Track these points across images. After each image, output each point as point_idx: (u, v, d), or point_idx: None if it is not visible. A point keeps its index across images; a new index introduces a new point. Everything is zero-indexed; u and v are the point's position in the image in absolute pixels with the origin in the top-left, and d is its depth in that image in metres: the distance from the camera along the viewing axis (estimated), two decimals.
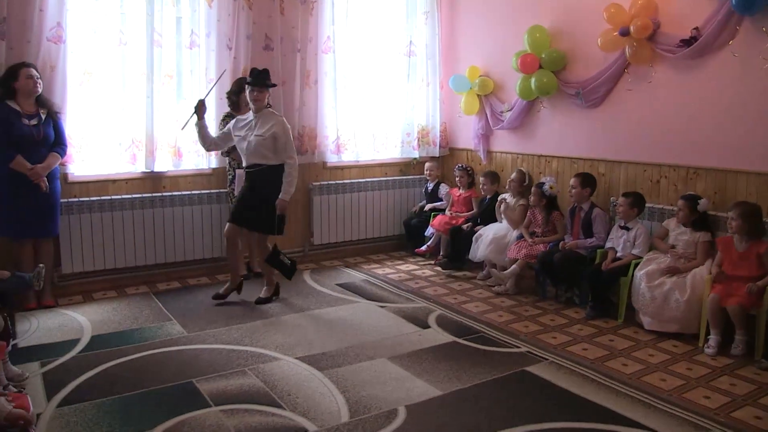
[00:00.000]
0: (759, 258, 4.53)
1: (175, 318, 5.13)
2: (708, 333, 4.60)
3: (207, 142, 5.57)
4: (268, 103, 5.50)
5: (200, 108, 5.41)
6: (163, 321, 5.03)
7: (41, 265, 4.46)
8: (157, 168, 6.13)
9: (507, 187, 6.48)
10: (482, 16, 7.21)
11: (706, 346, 4.55)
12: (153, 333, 4.80)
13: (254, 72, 5.34)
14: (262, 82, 5.30)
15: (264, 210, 5.39)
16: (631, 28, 5.33)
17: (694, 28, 5.07)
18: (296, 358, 4.35)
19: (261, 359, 4.34)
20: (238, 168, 6.03)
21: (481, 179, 6.80)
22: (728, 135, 5.01)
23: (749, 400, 3.79)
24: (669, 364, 4.32)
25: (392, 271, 6.75)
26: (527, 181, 6.42)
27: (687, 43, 5.12)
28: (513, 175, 6.46)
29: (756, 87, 4.81)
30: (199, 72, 6.28)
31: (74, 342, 4.63)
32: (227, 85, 6.11)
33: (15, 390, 3.58)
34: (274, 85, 5.56)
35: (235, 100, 5.95)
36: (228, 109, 6.07)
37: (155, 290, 5.94)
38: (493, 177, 6.79)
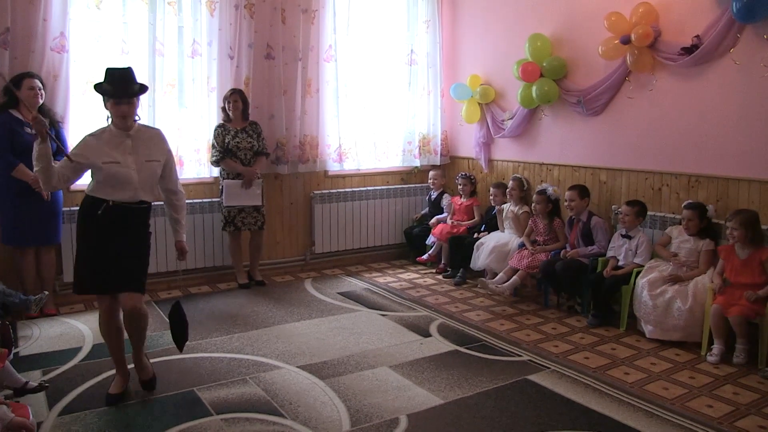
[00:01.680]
0: (761, 265, 4.53)
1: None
2: (710, 341, 4.59)
3: (50, 176, 3.60)
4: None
5: (38, 125, 3.52)
6: (164, 329, 5.02)
7: (45, 292, 4.80)
8: None
9: (508, 196, 6.47)
10: (483, 24, 7.23)
11: (709, 354, 4.54)
12: (154, 341, 4.79)
13: (114, 75, 3.73)
14: (127, 91, 3.74)
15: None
16: (632, 36, 5.33)
17: (695, 36, 5.08)
18: (298, 367, 4.35)
19: (262, 368, 4.34)
20: (227, 179, 6.07)
21: (492, 190, 6.76)
22: (730, 142, 5.01)
23: (753, 410, 3.77)
24: (671, 372, 4.31)
25: (393, 279, 6.74)
26: (526, 186, 6.43)
27: (688, 51, 5.12)
28: (511, 183, 6.45)
29: (757, 94, 4.81)
30: (200, 81, 6.31)
31: (76, 350, 4.63)
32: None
33: (16, 399, 3.59)
34: (145, 89, 3.88)
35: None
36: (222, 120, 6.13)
37: (156, 299, 5.94)
38: (504, 187, 6.76)
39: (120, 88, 3.69)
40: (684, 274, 4.90)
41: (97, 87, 3.74)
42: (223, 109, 6.13)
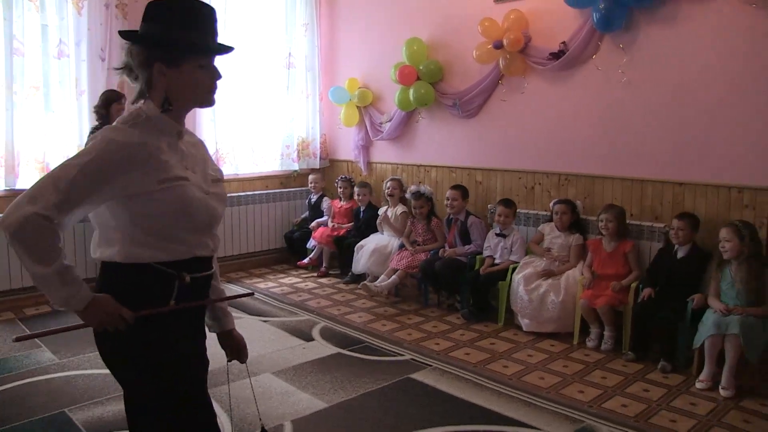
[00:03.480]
0: (625, 257, 4.85)
1: (44, 344, 4.77)
2: (583, 331, 4.85)
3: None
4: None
5: None
6: (30, 349, 4.68)
7: None
8: (20, 185, 5.70)
9: (387, 194, 6.54)
10: (361, 28, 7.28)
11: (588, 339, 4.81)
12: (19, 363, 4.45)
13: (203, 13, 1.96)
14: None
15: None
16: (505, 42, 5.53)
17: (562, 42, 5.34)
18: None
19: None
20: None
21: (357, 190, 6.86)
22: (595, 143, 5.30)
23: (618, 391, 4.02)
24: (547, 363, 4.50)
25: (275, 284, 6.66)
26: (405, 187, 6.55)
27: (556, 56, 5.38)
28: (389, 184, 6.53)
29: (617, 98, 5.13)
30: (68, 83, 5.97)
31: None
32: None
33: None
34: None
35: (104, 113, 5.71)
36: (97, 123, 5.80)
37: (22, 316, 5.54)
38: (370, 187, 6.92)
39: (215, 34, 2.02)
40: (556, 268, 5.14)
41: (170, 34, 1.90)
42: (98, 111, 5.78)
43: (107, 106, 5.66)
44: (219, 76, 2.03)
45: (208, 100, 2.03)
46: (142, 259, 1.90)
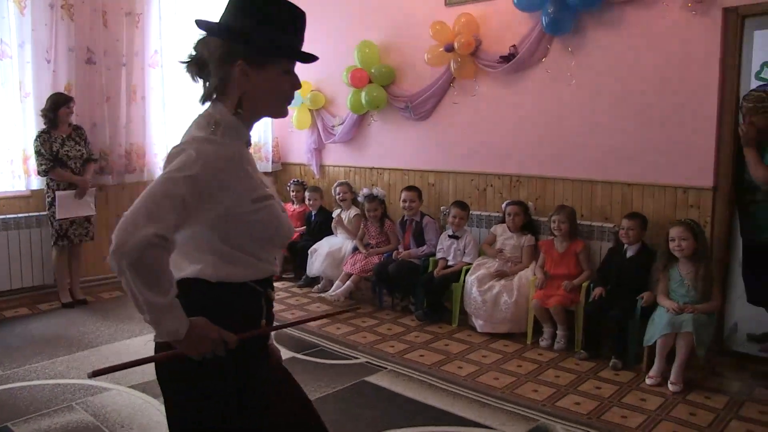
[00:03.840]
0: (576, 257, 4.92)
1: None
2: (535, 331, 4.92)
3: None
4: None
5: None
6: None
7: None
8: None
9: (338, 200, 6.53)
10: (313, 31, 7.16)
11: (541, 339, 4.87)
12: None
13: (298, 15, 1.89)
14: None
15: None
16: (456, 45, 5.58)
17: (512, 46, 5.41)
18: (129, 387, 4.11)
19: (90, 391, 4.06)
20: (58, 189, 5.66)
21: (308, 194, 6.85)
22: (546, 145, 5.38)
23: (571, 389, 4.09)
24: (501, 363, 4.55)
25: None
26: (355, 190, 6.56)
27: (506, 59, 5.45)
28: (338, 189, 6.50)
29: (566, 100, 5.22)
30: (12, 85, 5.82)
31: None
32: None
33: None
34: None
35: (53, 117, 5.60)
36: (44, 127, 5.68)
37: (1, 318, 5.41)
38: (321, 192, 6.91)
39: (302, 41, 1.93)
40: (509, 269, 5.20)
41: (265, 35, 1.76)
42: (45, 115, 5.65)
43: (55, 109, 5.56)
44: (299, 86, 1.88)
45: (283, 111, 1.88)
46: (236, 278, 1.76)
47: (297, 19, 1.82)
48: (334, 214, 6.58)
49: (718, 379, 4.25)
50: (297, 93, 6.39)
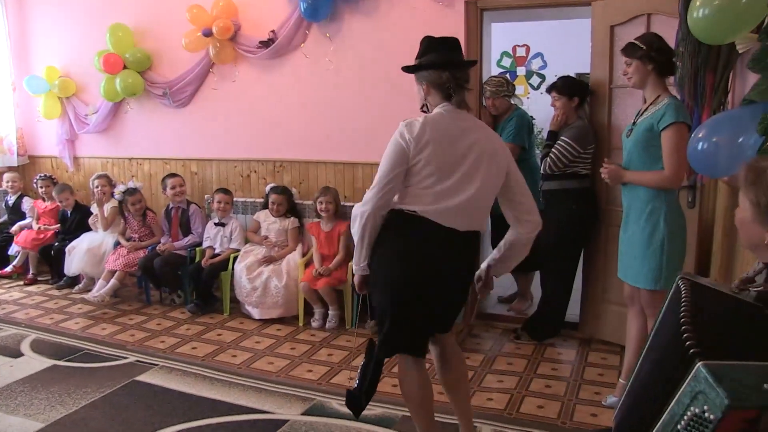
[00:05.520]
0: (339, 237, 5.07)
1: None
2: (307, 313, 5.02)
3: None
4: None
5: None
6: None
7: None
8: None
9: (98, 193, 6.05)
10: (58, 11, 6.63)
11: (312, 320, 4.96)
12: None
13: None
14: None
15: None
16: (214, 29, 5.45)
17: (272, 31, 5.41)
18: None
19: None
20: None
21: (56, 195, 6.31)
22: (308, 129, 5.47)
23: (345, 365, 4.23)
24: (275, 347, 4.57)
25: None
26: (114, 182, 6.15)
27: (265, 44, 5.43)
28: (98, 181, 6.02)
29: (326, 85, 5.34)
30: None
31: None
32: None
33: None
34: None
35: None
36: None
37: None
38: (71, 189, 6.39)
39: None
40: (276, 254, 5.23)
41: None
42: None
43: None
44: None
45: None
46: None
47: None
48: (93, 209, 6.12)
49: (475, 340, 4.67)
50: (43, 79, 5.86)
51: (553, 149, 4.29)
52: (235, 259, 5.29)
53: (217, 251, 5.46)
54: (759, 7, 2.29)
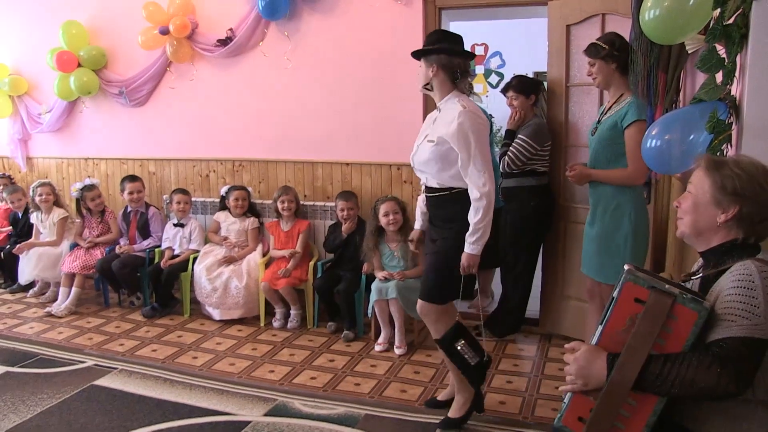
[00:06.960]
0: (298, 235, 5.07)
1: None
2: (268, 313, 4.99)
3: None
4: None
5: None
6: None
7: None
8: None
9: (40, 202, 5.77)
10: (7, 7, 6.49)
11: (274, 320, 4.94)
12: None
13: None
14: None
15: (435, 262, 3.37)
16: (171, 27, 5.39)
17: (229, 29, 5.37)
18: None
19: None
20: None
21: (8, 197, 6.15)
22: (267, 128, 5.44)
23: (306, 365, 4.21)
24: (236, 348, 4.53)
25: None
26: (59, 189, 6.00)
27: (223, 42, 5.39)
28: (41, 189, 5.77)
29: (284, 84, 5.32)
30: None
31: None
32: None
33: None
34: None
35: None
36: None
37: None
38: (23, 191, 6.24)
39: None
40: (236, 254, 5.19)
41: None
42: None
43: None
44: None
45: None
46: None
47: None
48: (33, 219, 5.87)
49: None
50: None
51: (510, 148, 4.35)
52: (194, 259, 5.23)
53: (176, 252, 5.40)
54: (705, 9, 2.35)
